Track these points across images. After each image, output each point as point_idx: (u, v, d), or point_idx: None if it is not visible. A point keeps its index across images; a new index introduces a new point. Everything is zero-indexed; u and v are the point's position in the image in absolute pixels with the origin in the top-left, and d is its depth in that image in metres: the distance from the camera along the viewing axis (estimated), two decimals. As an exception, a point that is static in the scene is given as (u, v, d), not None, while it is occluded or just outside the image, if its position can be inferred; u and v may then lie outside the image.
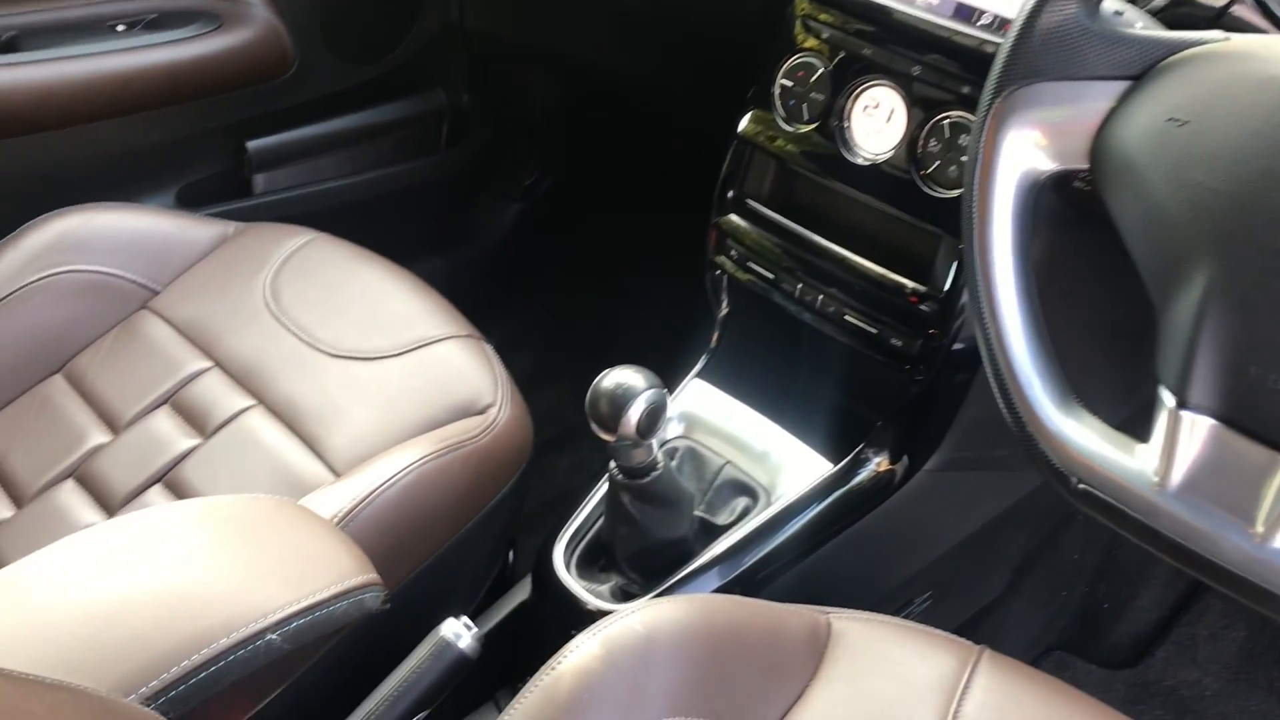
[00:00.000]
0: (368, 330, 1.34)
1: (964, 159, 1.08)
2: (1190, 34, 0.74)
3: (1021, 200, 0.79)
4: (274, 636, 0.78)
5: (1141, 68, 0.75)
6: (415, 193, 1.97)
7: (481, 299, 2.15)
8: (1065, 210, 0.93)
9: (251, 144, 1.74)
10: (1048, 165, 0.79)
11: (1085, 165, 0.78)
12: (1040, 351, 0.78)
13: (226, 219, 1.54)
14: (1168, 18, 0.83)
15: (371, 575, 0.87)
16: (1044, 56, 0.77)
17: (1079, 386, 0.79)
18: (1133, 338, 1.19)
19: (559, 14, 1.81)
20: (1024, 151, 0.79)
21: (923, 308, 1.13)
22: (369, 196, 1.89)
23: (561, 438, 1.87)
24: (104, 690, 0.64)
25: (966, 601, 1.45)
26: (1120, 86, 0.76)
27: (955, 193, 1.09)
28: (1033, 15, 0.77)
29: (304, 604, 0.81)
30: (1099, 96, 0.76)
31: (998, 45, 1.00)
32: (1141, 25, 0.81)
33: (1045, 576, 1.53)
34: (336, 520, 1.06)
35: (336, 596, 0.83)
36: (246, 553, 0.86)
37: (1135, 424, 0.74)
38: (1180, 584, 1.55)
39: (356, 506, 1.07)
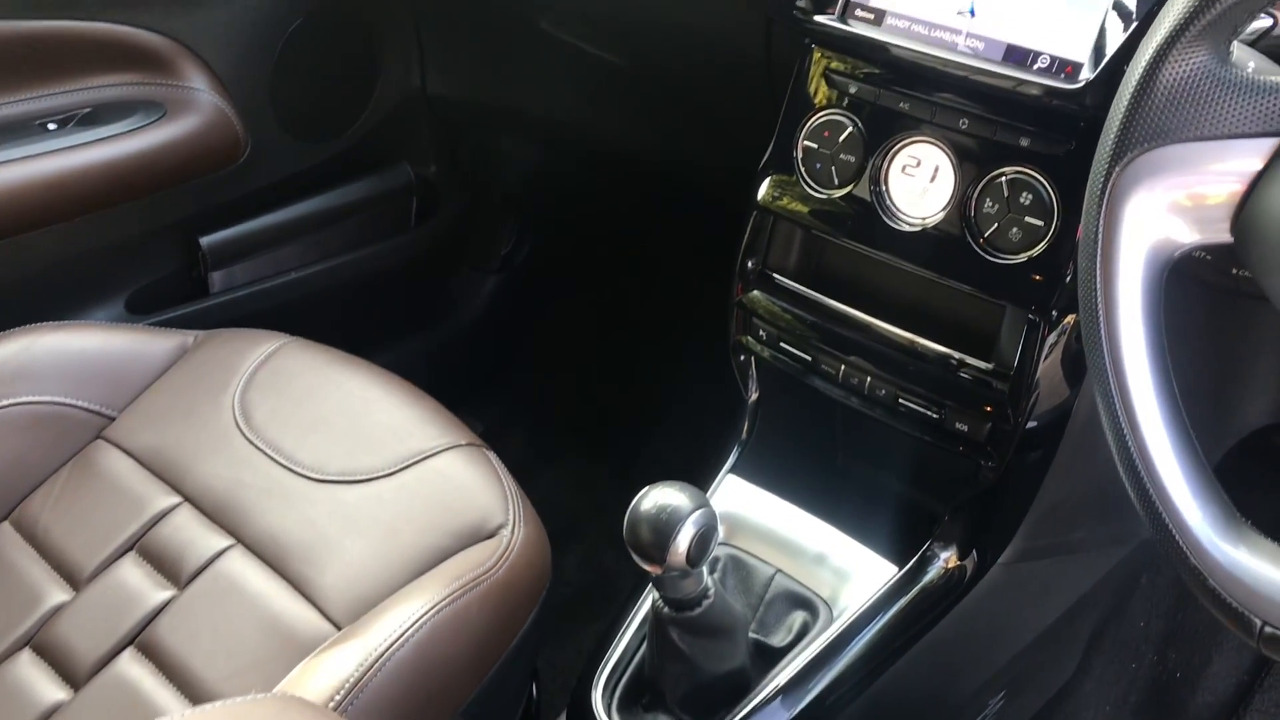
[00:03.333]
0: (354, 447, 1.19)
1: (1029, 219, 0.95)
2: (1349, 80, 0.62)
3: (1152, 283, 0.67)
4: None
5: (1294, 122, 0.63)
6: (385, 275, 1.83)
7: (463, 381, 2.02)
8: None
9: (205, 240, 1.60)
10: (1185, 239, 0.66)
11: (1228, 238, 0.66)
12: (1194, 464, 0.65)
13: (184, 326, 1.41)
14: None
15: None
16: (1171, 114, 0.64)
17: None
18: (1208, 399, 1.08)
19: (526, 74, 1.68)
20: (1153, 225, 0.66)
21: (991, 386, 1.00)
22: (336, 284, 1.75)
23: (564, 531, 1.72)
24: None
25: (1039, 693, 1.32)
26: (1270, 144, 0.63)
27: (1020, 258, 0.96)
28: (1153, 67, 0.64)
29: None
30: (1243, 156, 0.64)
31: (1062, 90, 0.90)
32: (1281, 73, 0.69)
33: (1114, 650, 1.41)
34: (345, 693, 0.91)
35: None
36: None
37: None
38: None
39: (366, 674, 0.92)
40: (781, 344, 1.12)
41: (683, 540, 0.89)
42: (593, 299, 2.04)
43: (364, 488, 1.15)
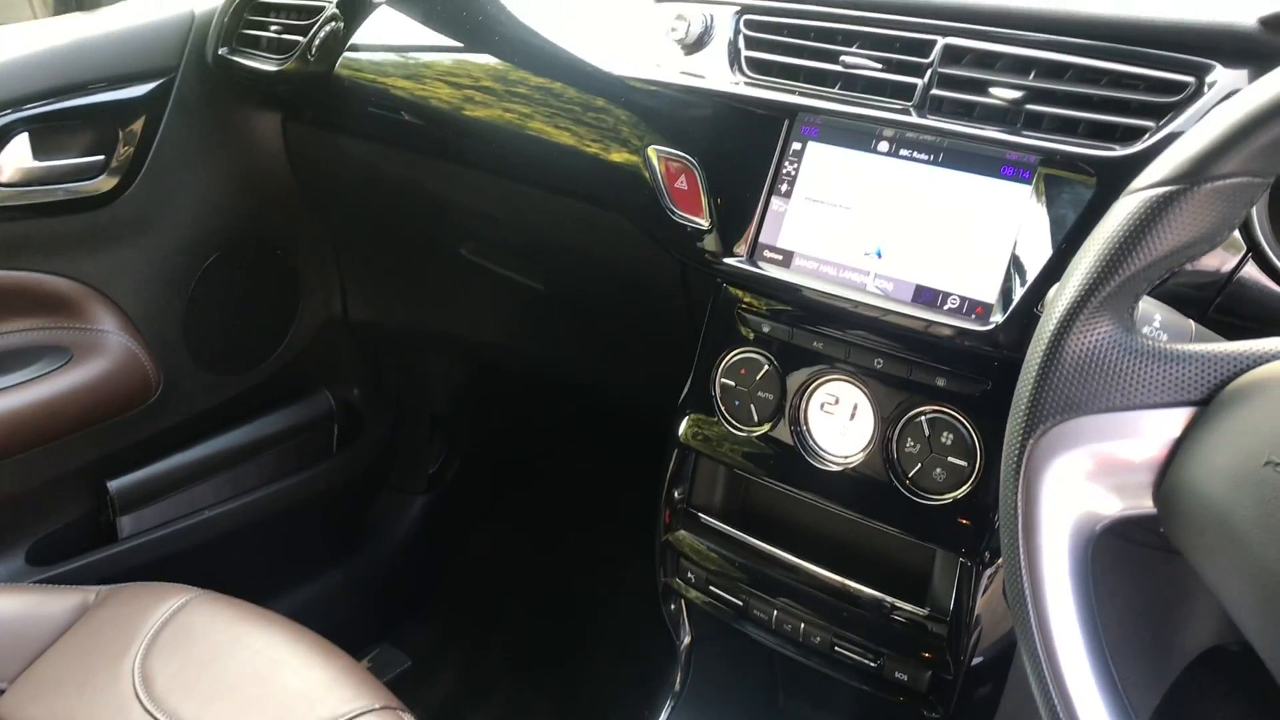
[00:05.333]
0: (262, 716, 1.11)
1: (952, 460, 0.93)
2: (1255, 346, 0.61)
3: (1078, 559, 0.64)
4: None
5: (1206, 391, 0.61)
6: (307, 504, 1.77)
7: (390, 610, 1.93)
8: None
9: (113, 484, 1.53)
10: (1107, 510, 0.64)
11: (1151, 509, 0.63)
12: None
13: (90, 575, 1.34)
14: (1215, 321, 0.71)
15: None
16: (1080, 387, 0.63)
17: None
18: (1154, 625, 1.05)
19: (449, 298, 1.67)
20: (1074, 499, 0.64)
21: (928, 631, 0.96)
22: (254, 520, 1.68)
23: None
24: None
25: None
26: (1184, 414, 0.61)
27: (946, 499, 0.94)
28: (1057, 339, 0.63)
29: None
30: (1160, 427, 0.62)
31: (974, 332, 0.90)
32: (1194, 330, 0.67)
33: None
34: None
35: None
36: None
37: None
38: None
39: None
40: (711, 587, 1.08)
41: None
42: (523, 518, 1.98)
43: (272, 763, 1.07)
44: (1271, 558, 0.55)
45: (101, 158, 1.43)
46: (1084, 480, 0.64)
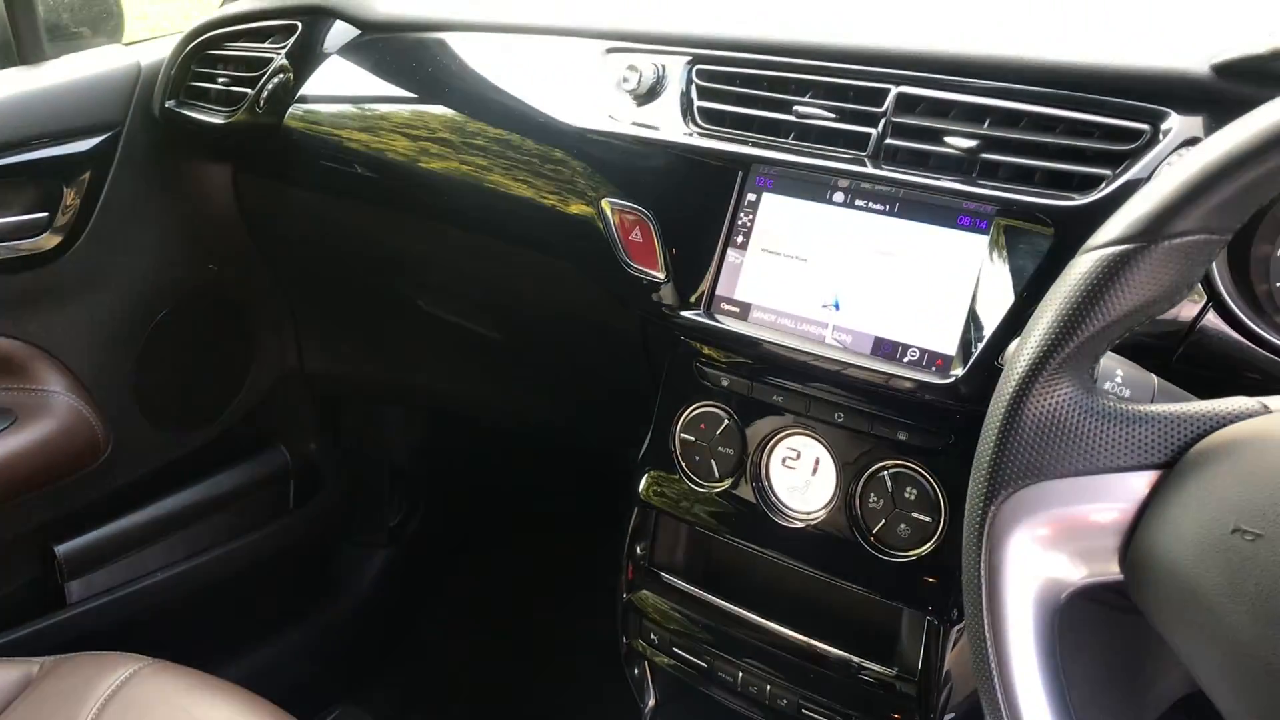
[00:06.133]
0: (211, 793, 1.07)
1: (916, 515, 0.91)
2: (1218, 406, 0.59)
3: (1044, 627, 0.62)
4: None
5: (1170, 453, 0.59)
6: (262, 564, 1.72)
7: (351, 669, 1.88)
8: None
9: (61, 548, 1.49)
10: (1073, 577, 0.62)
11: (1118, 575, 0.61)
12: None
13: (36, 643, 1.30)
14: (1178, 372, 0.69)
15: None
16: (1042, 450, 0.61)
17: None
18: (1126, 677, 1.02)
19: (407, 350, 1.64)
20: (1038, 565, 0.62)
21: (896, 691, 0.93)
22: (209, 581, 1.63)
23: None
24: None
25: None
26: (1149, 476, 0.60)
27: (910, 555, 0.91)
28: (1016, 402, 0.61)
29: None
30: (1124, 490, 0.60)
31: (934, 385, 0.88)
32: (1157, 386, 0.66)
33: None
34: None
35: None
36: None
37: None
38: None
39: None
40: (675, 649, 1.05)
41: None
42: (488, 572, 1.94)
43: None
44: (1241, 628, 0.53)
45: (45, 215, 1.39)
46: (1048, 547, 0.62)
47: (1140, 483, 0.60)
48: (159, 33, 1.64)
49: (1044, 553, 0.62)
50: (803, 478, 0.98)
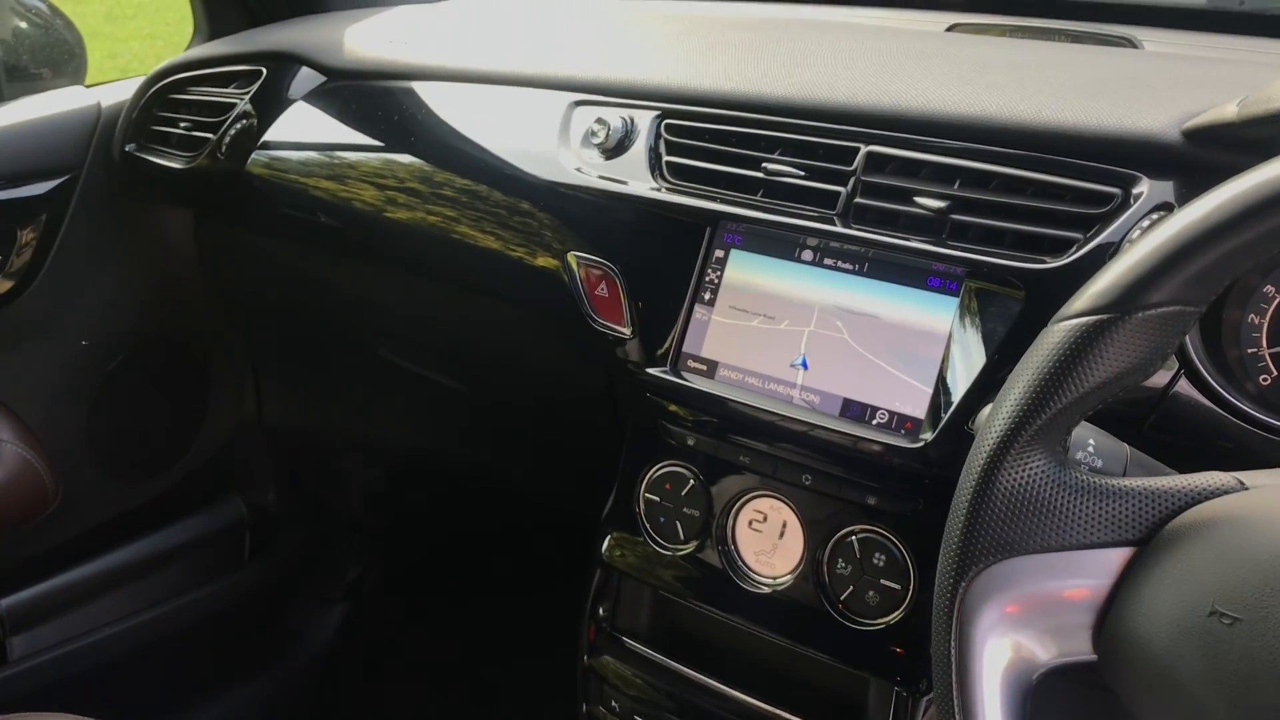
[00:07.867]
0: None
1: (884, 582, 0.89)
2: (1196, 481, 0.58)
3: (1016, 706, 0.60)
4: None
5: (1144, 530, 0.58)
6: (216, 619, 1.67)
7: (311, 728, 1.82)
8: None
9: (4, 602, 1.43)
10: (1045, 656, 0.60)
11: (1091, 656, 0.59)
12: None
13: (-29, 706, 1.22)
14: (1150, 439, 0.67)
15: None
16: (1013, 526, 0.59)
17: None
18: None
19: (368, 400, 1.61)
20: (1009, 644, 0.59)
21: (864, 765, 0.90)
22: (159, 636, 1.58)
23: None
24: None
25: None
26: (1122, 553, 0.58)
27: (879, 624, 0.89)
28: (987, 476, 0.59)
29: None
30: (1098, 568, 0.58)
31: (903, 449, 0.86)
32: (1130, 456, 0.64)
33: None
34: None
35: None
36: None
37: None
38: None
39: None
40: (636, 717, 1.02)
41: None
42: (448, 629, 1.89)
43: None
44: (1219, 715, 0.51)
45: (-2, 258, 1.36)
46: (1020, 624, 0.60)
47: (1114, 559, 0.58)
48: (129, 73, 1.62)
49: (1016, 630, 0.60)
50: (769, 541, 0.96)
